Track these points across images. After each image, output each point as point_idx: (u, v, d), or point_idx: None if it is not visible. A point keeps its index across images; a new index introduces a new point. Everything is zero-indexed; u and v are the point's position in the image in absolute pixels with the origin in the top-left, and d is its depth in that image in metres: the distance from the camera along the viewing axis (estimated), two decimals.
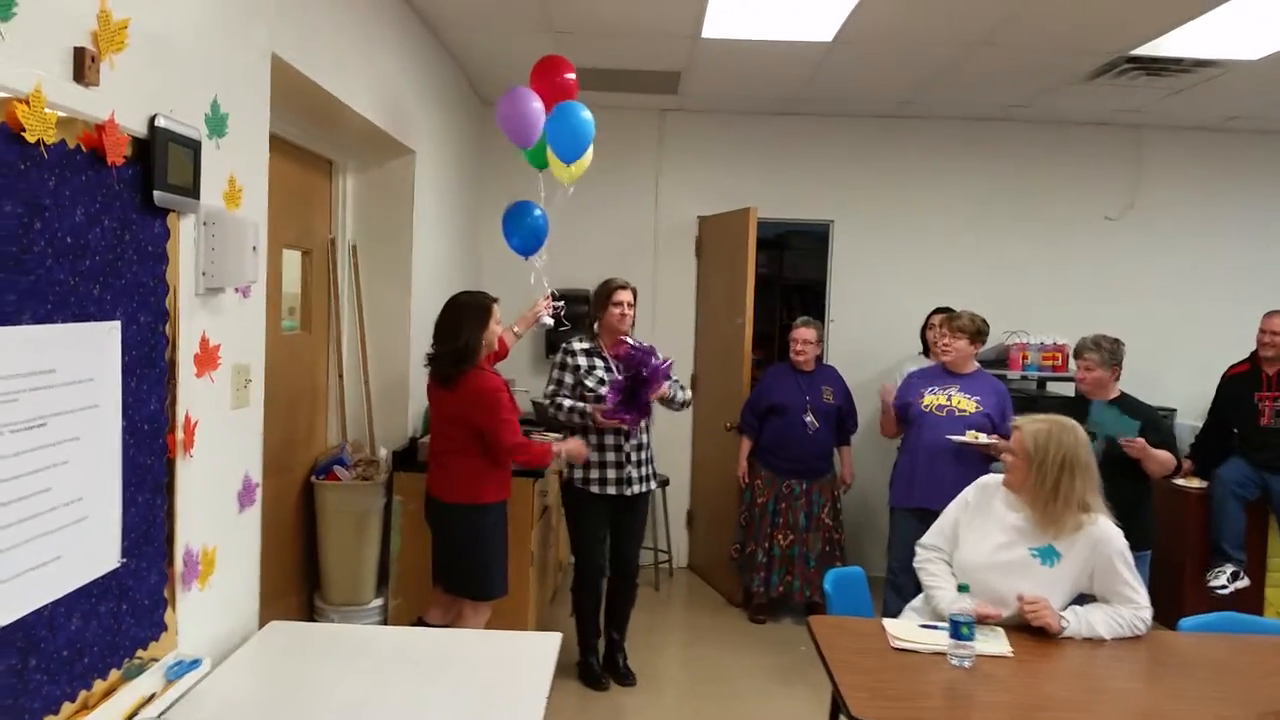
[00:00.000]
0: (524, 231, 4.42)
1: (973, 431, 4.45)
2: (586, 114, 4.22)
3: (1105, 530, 2.93)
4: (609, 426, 4.23)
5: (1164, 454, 4.22)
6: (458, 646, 2.70)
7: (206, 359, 2.39)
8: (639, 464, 4.39)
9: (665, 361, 4.28)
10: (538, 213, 4.43)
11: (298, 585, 3.96)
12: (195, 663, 2.23)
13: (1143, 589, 2.96)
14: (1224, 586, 5.05)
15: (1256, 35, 4.29)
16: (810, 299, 7.18)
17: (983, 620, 2.80)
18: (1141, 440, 4.17)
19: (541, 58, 4.31)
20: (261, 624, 2.73)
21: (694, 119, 6.39)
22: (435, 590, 3.79)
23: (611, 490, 4.32)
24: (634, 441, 4.36)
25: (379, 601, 4.14)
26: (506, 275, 5.14)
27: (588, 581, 4.40)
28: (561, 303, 4.43)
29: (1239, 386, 5.23)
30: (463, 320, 3.64)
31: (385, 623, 4.13)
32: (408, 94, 4.37)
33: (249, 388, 2.66)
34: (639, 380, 4.21)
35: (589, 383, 4.28)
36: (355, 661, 2.50)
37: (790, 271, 8.28)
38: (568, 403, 4.28)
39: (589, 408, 4.22)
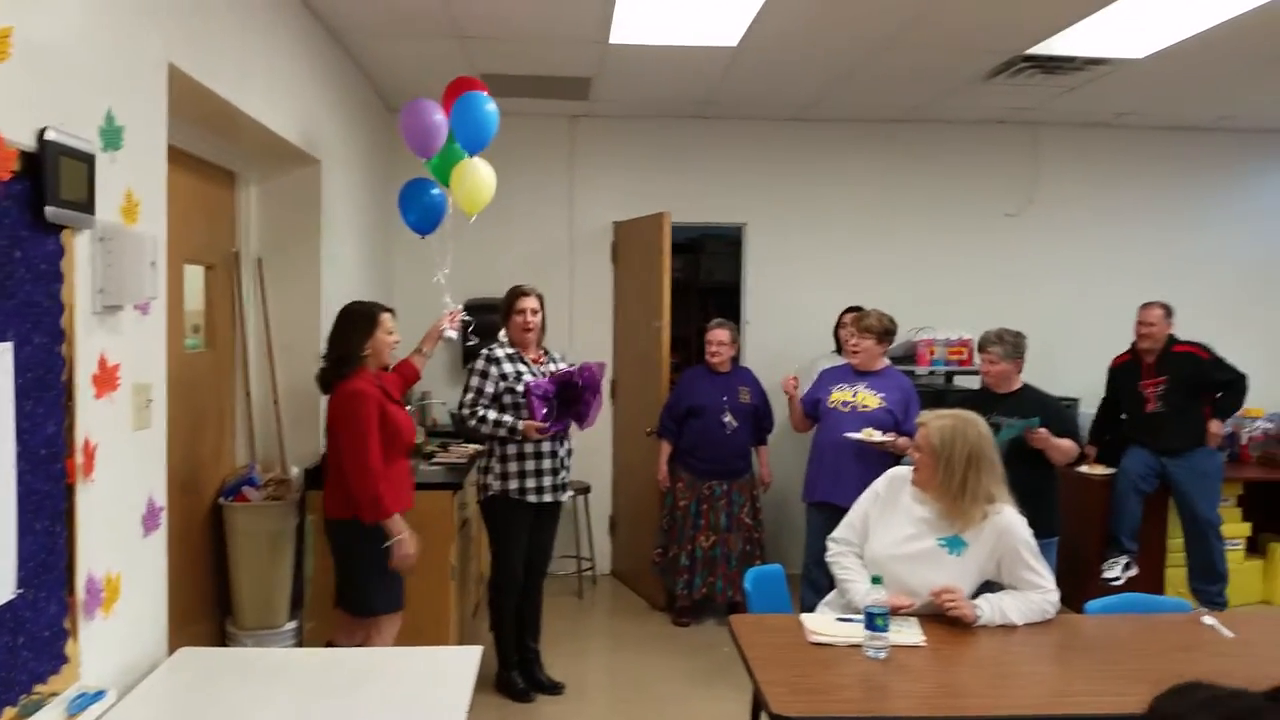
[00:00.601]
0: (420, 208, 4.37)
1: (868, 429, 4.55)
2: (491, 106, 4.18)
3: (1010, 519, 3.03)
4: (534, 439, 4.20)
5: (1067, 443, 4.37)
6: (375, 665, 2.66)
7: (105, 379, 2.31)
8: (567, 470, 4.41)
9: (589, 371, 4.27)
10: (435, 191, 4.38)
11: (208, 611, 3.85)
12: (99, 694, 2.15)
13: (1049, 574, 3.06)
14: (1118, 577, 5.27)
15: (1143, 34, 4.47)
16: (726, 301, 7.24)
17: (895, 610, 2.86)
18: (1044, 430, 4.31)
19: (454, 79, 4.28)
20: (171, 651, 2.65)
21: (606, 124, 6.41)
22: (337, 611, 3.72)
23: (548, 498, 4.30)
24: (566, 447, 4.37)
25: (293, 624, 4.05)
26: (420, 287, 5.06)
27: (508, 592, 4.36)
28: (468, 315, 4.38)
29: (1123, 377, 5.49)
30: (347, 328, 3.61)
31: (300, 646, 4.04)
32: (312, 103, 4.29)
33: (150, 408, 2.58)
34: (573, 392, 4.20)
35: (519, 388, 4.24)
36: (270, 686, 2.44)
37: (706, 275, 8.35)
38: (492, 415, 4.21)
39: (520, 424, 4.17)
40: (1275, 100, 5.80)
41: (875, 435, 4.52)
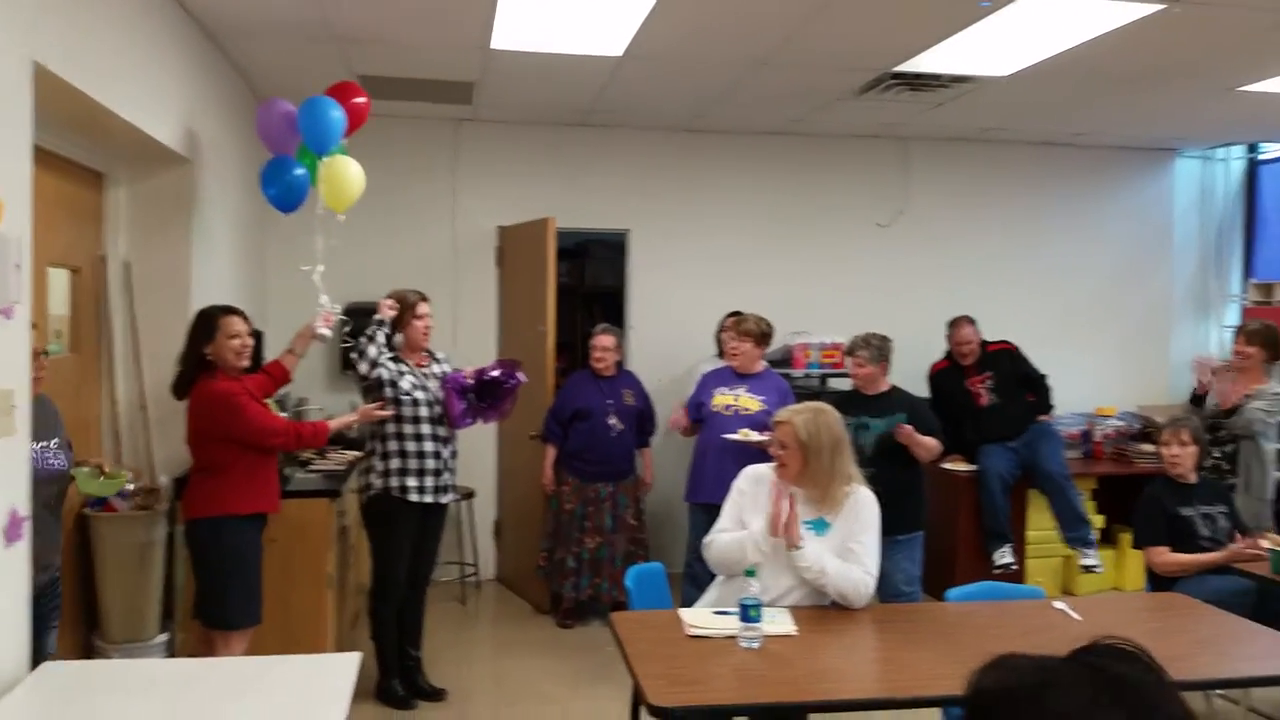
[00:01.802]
0: (281, 184, 4.32)
1: (744, 430, 4.70)
2: (337, 112, 4.17)
3: (865, 496, 3.22)
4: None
5: (931, 440, 4.58)
6: (250, 675, 2.62)
7: None
8: (452, 471, 4.41)
9: (517, 372, 4.34)
10: (299, 171, 4.33)
11: (73, 624, 3.71)
12: None
13: (876, 560, 3.19)
14: (1011, 563, 5.60)
15: (1005, 54, 4.73)
16: (610, 306, 7.32)
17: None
18: (910, 427, 4.51)
19: (335, 84, 4.25)
20: (34, 666, 2.56)
21: (490, 129, 6.41)
22: (194, 622, 3.66)
23: (429, 498, 4.29)
24: (451, 448, 4.37)
25: (164, 637, 3.92)
26: (295, 288, 4.96)
27: (390, 597, 4.33)
28: (344, 316, 4.34)
29: (949, 381, 5.88)
30: (191, 332, 3.65)
31: (172, 658, 3.93)
32: (185, 102, 4.19)
33: (13, 415, 2.49)
34: (494, 389, 4.22)
35: (403, 384, 4.22)
36: (139, 699, 2.38)
37: (590, 280, 8.41)
38: (374, 352, 4.19)
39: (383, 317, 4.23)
40: (1125, 119, 6.19)
41: (752, 436, 4.66)
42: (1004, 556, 5.61)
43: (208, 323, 3.63)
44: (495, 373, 4.32)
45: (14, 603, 2.54)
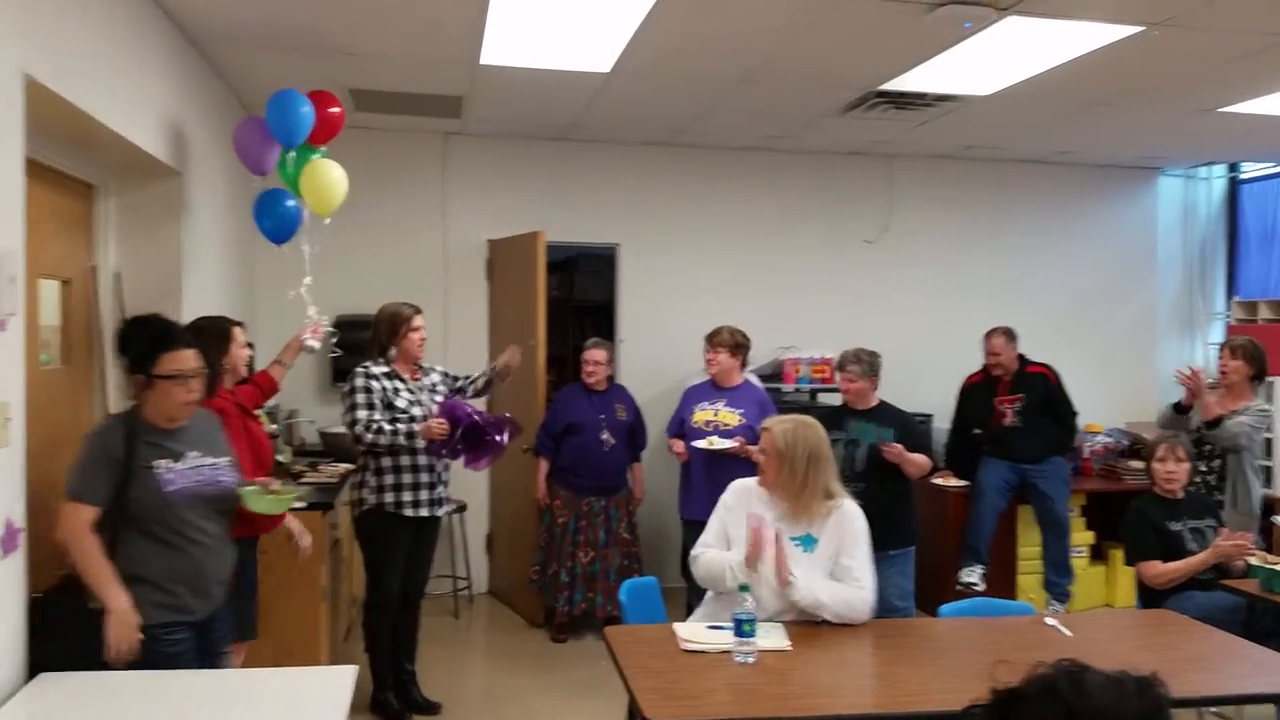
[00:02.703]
0: (275, 216, 4.36)
1: (710, 437, 4.73)
2: (305, 107, 4.18)
3: (850, 510, 3.24)
4: (435, 437, 4.15)
5: (920, 457, 4.60)
6: (245, 686, 2.62)
7: None
8: (445, 484, 4.41)
9: (505, 433, 4.27)
10: (291, 202, 4.37)
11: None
12: None
13: (871, 574, 3.21)
14: (976, 583, 5.55)
15: (987, 73, 4.79)
16: (601, 320, 7.34)
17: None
18: (899, 445, 4.53)
19: (309, 92, 4.26)
20: (30, 677, 2.55)
21: (479, 143, 6.43)
22: None
23: (424, 512, 4.28)
24: (444, 461, 4.36)
25: None
26: (283, 298, 4.95)
27: (384, 610, 4.32)
28: (331, 327, 4.34)
29: (979, 394, 5.81)
30: (203, 345, 3.54)
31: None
32: (175, 114, 4.19)
33: (9, 426, 2.49)
34: (477, 440, 4.20)
35: (399, 404, 4.22)
36: (136, 709, 2.38)
37: (580, 293, 8.42)
38: (388, 426, 4.16)
39: (417, 426, 4.15)
40: (1107, 138, 6.27)
41: (718, 442, 4.69)
42: (970, 575, 5.59)
43: (222, 333, 3.60)
44: (488, 421, 4.25)
45: (13, 613, 2.53)
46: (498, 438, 4.22)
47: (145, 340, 2.84)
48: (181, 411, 2.86)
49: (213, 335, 3.58)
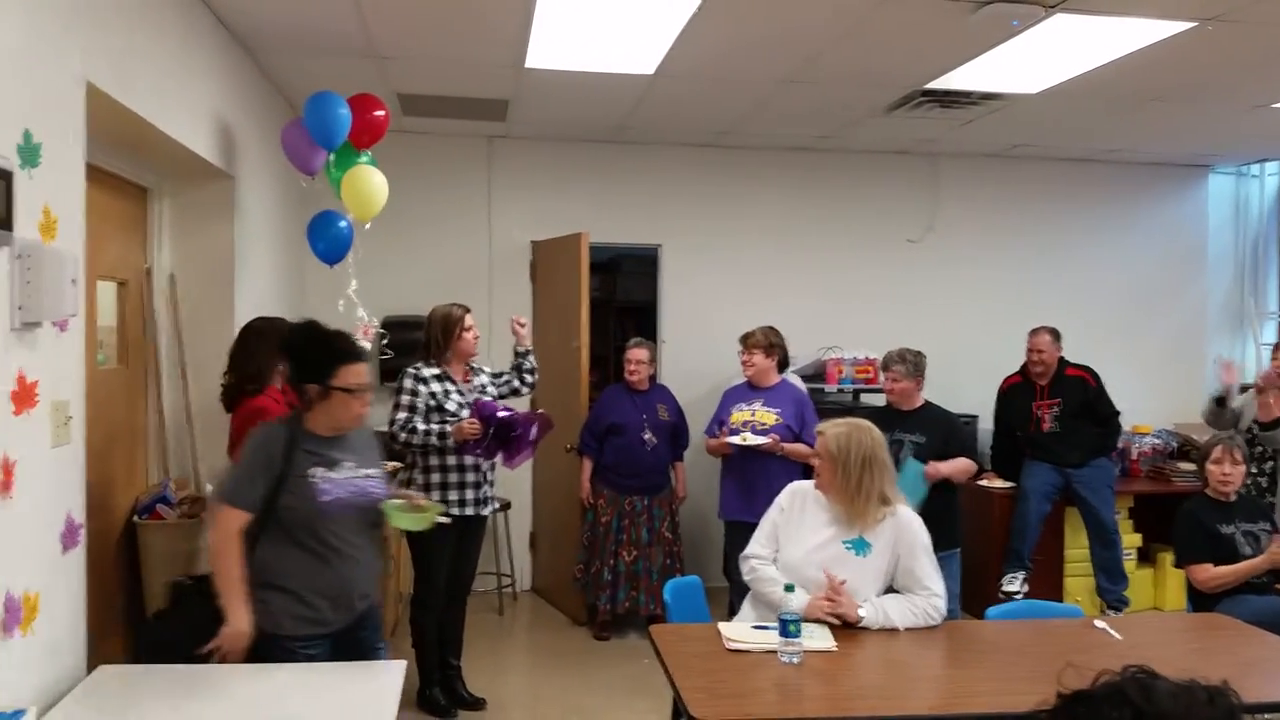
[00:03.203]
0: (329, 238, 4.44)
1: (743, 434, 4.72)
2: (342, 108, 4.22)
3: (907, 517, 3.20)
4: (467, 437, 4.18)
5: (961, 462, 4.57)
6: (298, 681, 2.66)
7: (24, 396, 2.30)
8: (491, 484, 4.45)
9: (533, 427, 4.29)
10: (343, 224, 4.45)
11: (122, 629, 3.77)
12: (18, 713, 2.12)
13: (938, 578, 3.21)
14: (1018, 591, 5.49)
15: (1035, 71, 4.74)
16: (643, 320, 7.36)
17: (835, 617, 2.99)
18: (939, 465, 4.51)
19: (352, 96, 4.32)
20: (89, 670, 2.62)
21: (523, 146, 6.48)
22: None
23: (470, 510, 4.33)
24: (489, 461, 4.40)
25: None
26: (332, 301, 5.04)
27: (431, 607, 4.38)
28: (382, 329, 4.40)
29: (1016, 398, 5.74)
30: (256, 345, 3.62)
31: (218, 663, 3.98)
32: (227, 119, 4.27)
33: (69, 425, 2.56)
34: (507, 434, 4.23)
35: (449, 407, 4.26)
36: (192, 703, 2.43)
37: (623, 294, 8.45)
38: (421, 426, 4.22)
39: (449, 428, 4.19)
40: (1155, 136, 6.18)
41: (750, 438, 4.69)
42: (1013, 583, 5.53)
43: (279, 334, 3.58)
44: (517, 417, 4.25)
45: (73, 607, 2.60)
46: (528, 434, 4.25)
47: (323, 352, 2.85)
48: (355, 423, 2.90)
49: (270, 336, 3.63)
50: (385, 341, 4.45)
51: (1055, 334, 5.62)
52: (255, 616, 2.71)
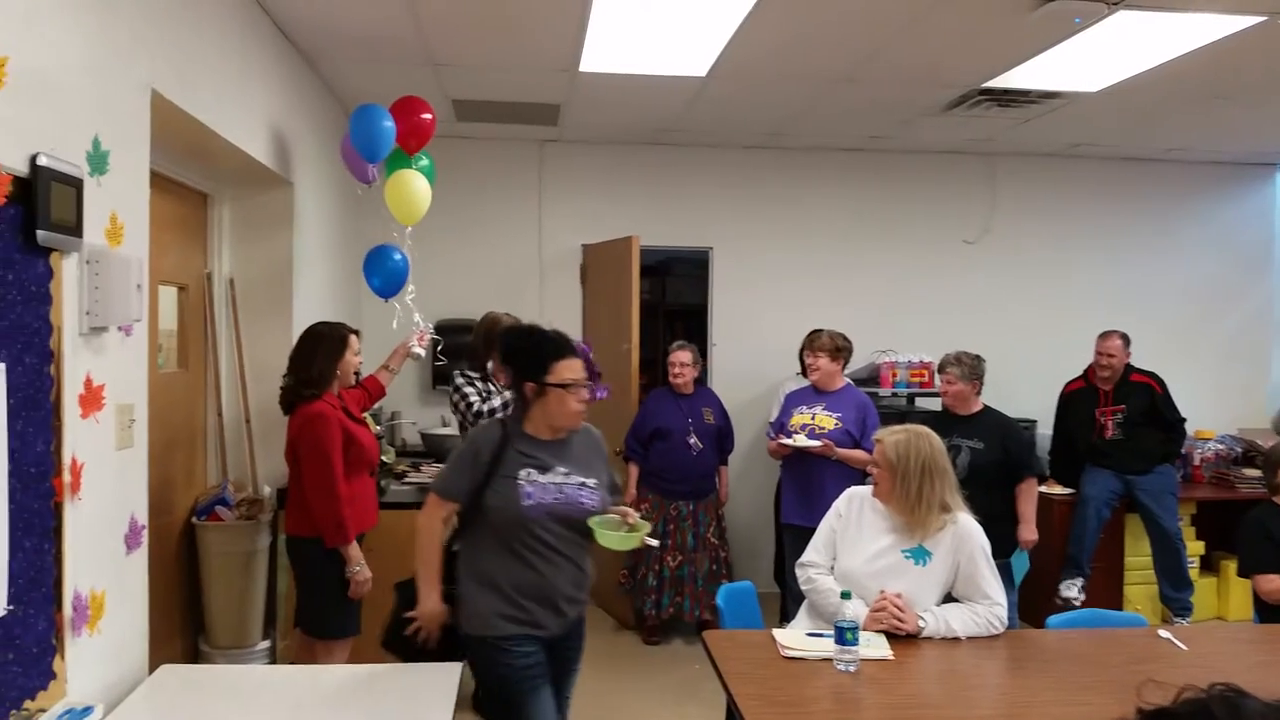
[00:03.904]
0: (384, 273, 4.50)
1: (797, 435, 4.67)
2: (386, 121, 4.23)
3: (968, 525, 3.13)
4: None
5: (1030, 492, 4.61)
6: (356, 682, 2.68)
7: (91, 399, 2.34)
8: None
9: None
10: (398, 257, 4.51)
11: (182, 629, 3.85)
12: (87, 710, 2.17)
13: (1000, 587, 3.14)
14: (1076, 598, 5.38)
15: (1096, 70, 4.64)
16: (693, 323, 7.34)
17: (896, 629, 2.95)
18: (1027, 537, 4.61)
19: (399, 99, 4.35)
20: (151, 669, 2.67)
21: (574, 149, 6.50)
22: (297, 630, 3.74)
23: None
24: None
25: (266, 643, 4.06)
26: (387, 307, 5.11)
27: None
28: (436, 335, 4.43)
29: (1078, 403, 5.62)
30: (317, 349, 3.64)
31: (273, 664, 4.05)
32: (285, 126, 4.33)
33: (133, 428, 2.61)
34: None
35: (494, 404, 4.28)
36: (252, 703, 2.46)
37: (673, 297, 8.45)
38: (498, 401, 4.24)
39: None
40: (1219, 134, 6.03)
41: (801, 440, 4.64)
42: (1069, 589, 5.43)
43: (340, 341, 3.68)
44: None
45: (137, 606, 2.65)
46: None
47: (537, 348, 2.84)
48: (572, 420, 2.84)
49: (332, 341, 3.67)
50: (440, 349, 4.48)
51: (1126, 339, 5.50)
52: (468, 618, 2.77)
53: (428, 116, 4.47)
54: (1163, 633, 3.20)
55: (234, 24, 3.61)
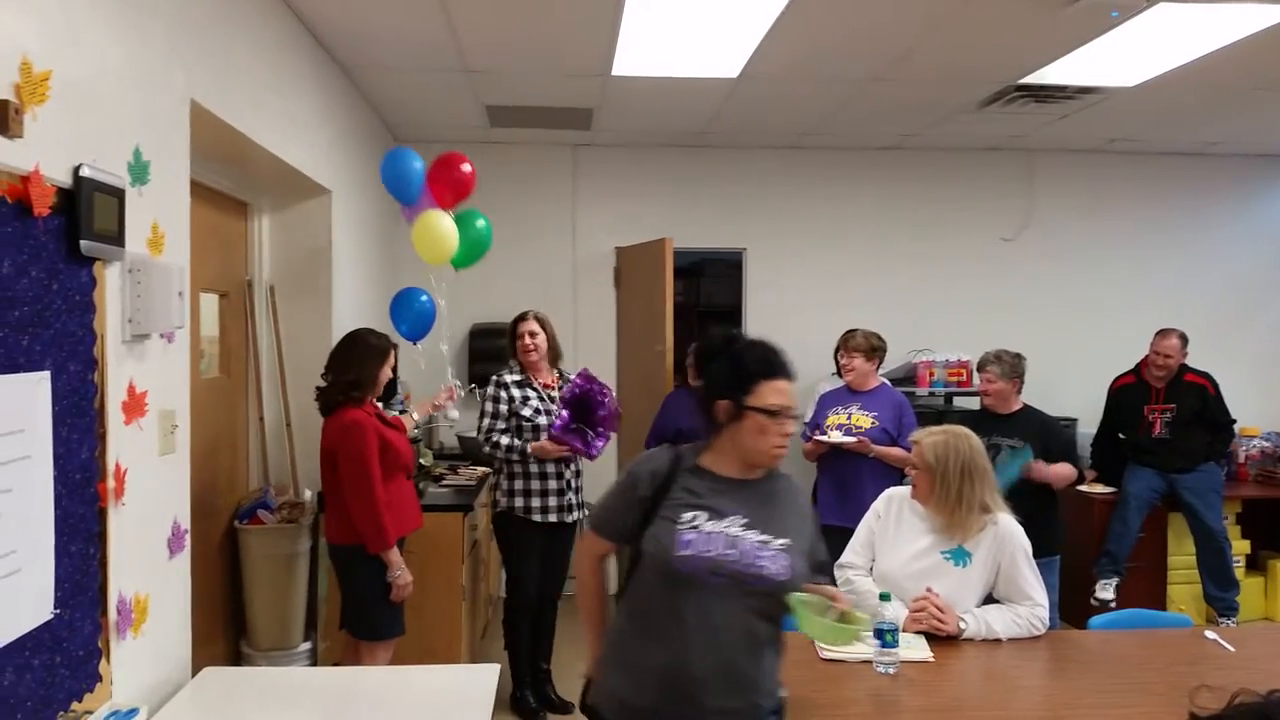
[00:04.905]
0: (411, 317, 4.51)
1: (833, 432, 4.63)
2: (417, 162, 4.20)
3: (1008, 526, 3.09)
4: (551, 457, 4.26)
5: (1063, 469, 4.43)
6: (396, 684, 2.71)
7: (134, 406, 2.38)
8: (577, 490, 4.47)
9: (607, 395, 4.32)
10: (424, 299, 4.51)
11: (224, 632, 3.90)
12: (132, 712, 2.20)
13: (1041, 588, 3.10)
14: (1111, 599, 5.30)
15: (1133, 64, 4.58)
16: (726, 325, 7.32)
17: (936, 630, 2.92)
18: (1039, 462, 4.37)
19: (435, 160, 4.31)
20: (194, 671, 2.71)
21: (607, 153, 6.51)
22: (341, 632, 3.78)
23: (553, 518, 4.36)
24: (573, 468, 4.43)
25: (307, 645, 4.10)
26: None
27: (523, 610, 4.41)
28: (467, 388, 4.47)
29: (1128, 399, 5.53)
30: (360, 355, 3.67)
31: (315, 666, 4.09)
32: (323, 135, 4.38)
33: (175, 433, 2.65)
34: (587, 408, 4.26)
35: (525, 413, 4.31)
36: (294, 705, 2.49)
37: (706, 298, 8.42)
38: (505, 440, 4.28)
39: (529, 447, 4.26)
40: (1260, 127, 5.92)
41: (834, 436, 4.60)
42: (1105, 591, 5.35)
43: (383, 351, 3.72)
44: (572, 386, 4.30)
45: (180, 610, 2.69)
46: (596, 388, 4.26)
47: (740, 362, 2.32)
48: (770, 459, 2.29)
49: (377, 350, 3.71)
50: (472, 388, 4.53)
51: (1184, 338, 5.41)
52: (595, 686, 2.40)
53: (467, 169, 4.31)
54: (1209, 634, 3.14)
55: (270, 33, 3.66)
